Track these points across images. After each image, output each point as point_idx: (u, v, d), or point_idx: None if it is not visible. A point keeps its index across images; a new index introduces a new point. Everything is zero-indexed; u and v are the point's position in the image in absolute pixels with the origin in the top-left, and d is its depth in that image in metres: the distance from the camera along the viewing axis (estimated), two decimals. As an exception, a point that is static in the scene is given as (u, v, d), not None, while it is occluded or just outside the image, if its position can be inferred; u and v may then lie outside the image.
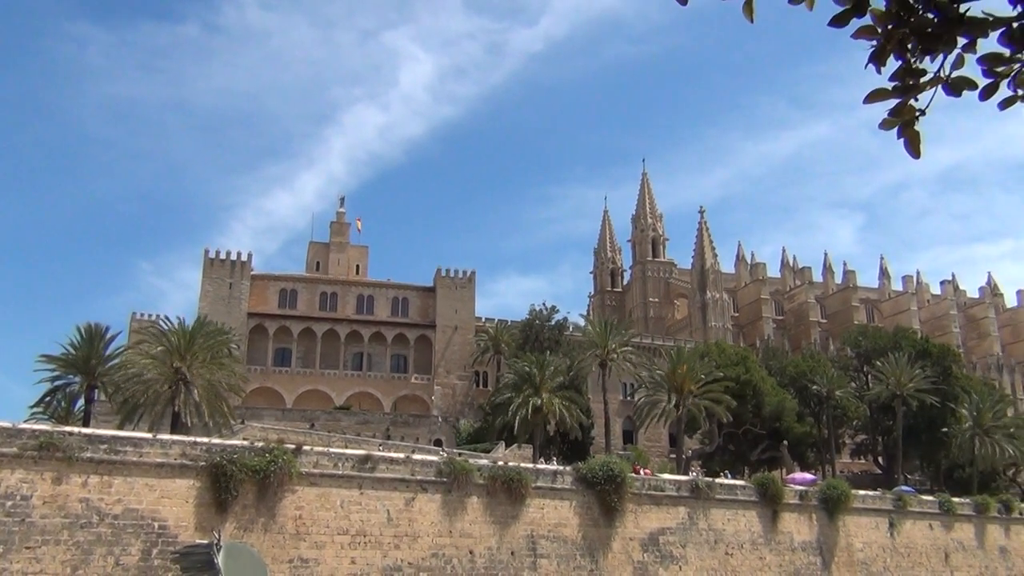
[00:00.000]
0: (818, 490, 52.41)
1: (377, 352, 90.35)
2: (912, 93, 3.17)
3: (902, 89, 3.16)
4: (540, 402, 58.11)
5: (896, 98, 3.19)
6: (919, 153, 3.29)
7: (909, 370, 73.93)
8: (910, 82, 3.14)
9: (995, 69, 3.09)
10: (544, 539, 40.94)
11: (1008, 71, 3.10)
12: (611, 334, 69.20)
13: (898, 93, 3.18)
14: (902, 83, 3.13)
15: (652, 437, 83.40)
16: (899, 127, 3.23)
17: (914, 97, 3.19)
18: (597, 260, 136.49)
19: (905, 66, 3.13)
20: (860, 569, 51.32)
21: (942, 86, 3.16)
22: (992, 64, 3.09)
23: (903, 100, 3.19)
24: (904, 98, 3.19)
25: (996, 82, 3.14)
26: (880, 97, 3.20)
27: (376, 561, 36.24)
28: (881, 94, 3.19)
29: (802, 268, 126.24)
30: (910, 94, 3.18)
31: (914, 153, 3.29)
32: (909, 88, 3.15)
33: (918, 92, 3.18)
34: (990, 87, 3.18)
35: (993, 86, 3.17)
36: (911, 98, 3.19)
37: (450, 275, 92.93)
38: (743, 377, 69.95)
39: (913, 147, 3.28)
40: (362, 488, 37.53)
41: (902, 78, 3.14)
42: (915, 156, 3.28)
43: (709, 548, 45.77)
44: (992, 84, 3.14)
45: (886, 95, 3.18)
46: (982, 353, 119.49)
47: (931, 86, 3.17)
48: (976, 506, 60.00)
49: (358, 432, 71.57)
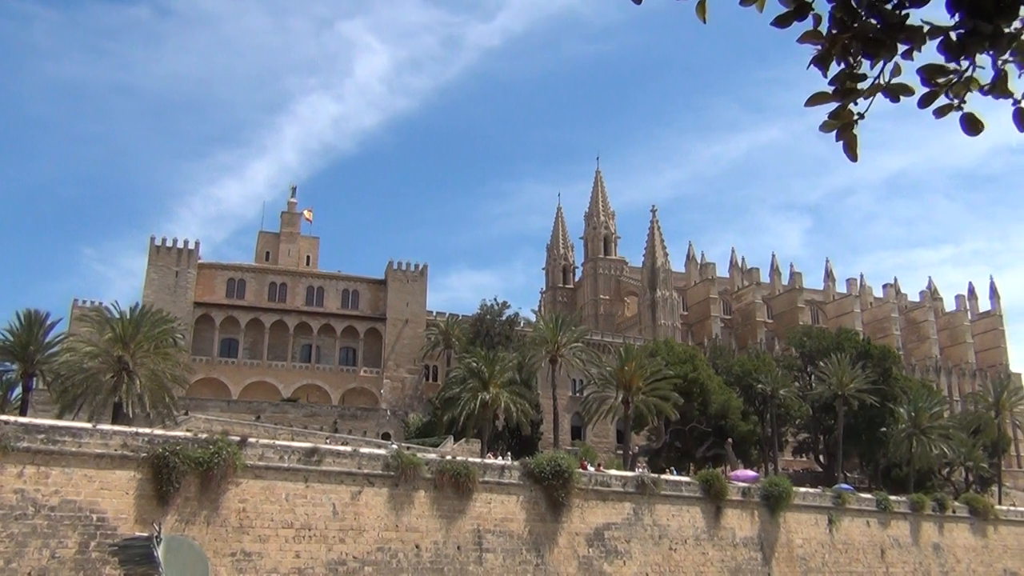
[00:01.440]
0: (760, 487, 53.34)
1: (326, 344, 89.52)
2: (852, 97, 3.25)
3: (842, 93, 3.24)
4: (489, 397, 58.16)
5: (836, 101, 3.27)
6: (856, 156, 3.38)
7: (851, 371, 75.58)
8: (850, 86, 3.22)
9: (934, 79, 3.19)
10: (490, 533, 41.02)
11: (947, 81, 3.20)
12: (562, 330, 69.49)
13: (838, 97, 3.26)
14: (842, 87, 3.22)
15: (600, 433, 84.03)
16: (838, 130, 3.34)
17: (854, 101, 3.27)
18: (549, 256, 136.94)
19: (846, 70, 3.20)
20: (799, 565, 52.39)
21: (882, 92, 3.24)
22: (931, 73, 3.19)
23: (843, 104, 3.27)
24: (844, 102, 3.27)
25: (935, 91, 3.23)
26: (821, 100, 3.28)
27: (321, 555, 35.96)
28: (822, 97, 3.27)
29: (750, 269, 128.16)
30: (850, 98, 3.25)
31: (851, 156, 3.39)
32: (849, 92, 3.23)
33: (858, 97, 3.26)
34: (929, 95, 3.27)
35: (932, 94, 3.26)
36: (851, 102, 3.27)
37: (402, 268, 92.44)
38: (691, 375, 70.84)
39: (851, 150, 3.37)
40: (308, 481, 37.20)
41: (843, 82, 3.23)
42: (852, 159, 3.39)
43: (653, 543, 46.31)
44: (931, 92, 3.24)
45: (827, 98, 3.26)
46: (921, 355, 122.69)
47: (871, 92, 3.25)
48: (912, 504, 61.64)
49: (305, 425, 70.89)
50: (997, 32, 3.05)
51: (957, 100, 3.27)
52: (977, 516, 66.10)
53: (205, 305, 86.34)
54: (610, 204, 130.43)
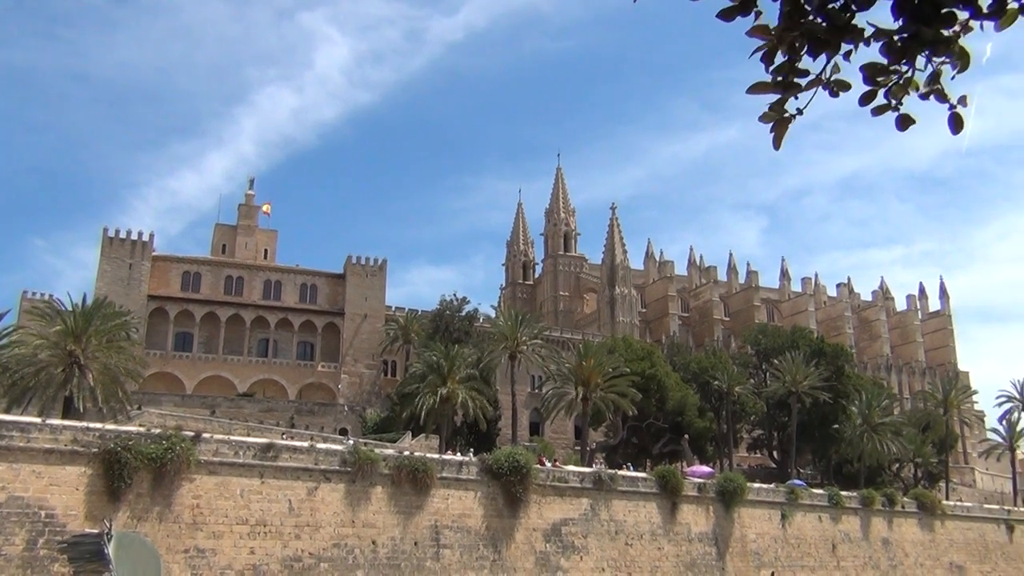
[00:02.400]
0: (715, 483, 54.02)
1: (283, 339, 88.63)
2: (792, 91, 3.35)
3: (783, 85, 3.34)
4: (448, 393, 58.09)
5: (777, 93, 3.37)
6: (779, 145, 3.52)
7: (805, 368, 76.80)
8: (792, 80, 3.31)
9: (875, 78, 3.30)
10: (448, 529, 41.00)
11: (886, 81, 3.30)
12: (521, 326, 69.61)
13: (780, 89, 3.35)
14: (784, 80, 3.32)
15: (558, 429, 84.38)
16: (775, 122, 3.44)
17: (794, 96, 3.37)
18: (509, 252, 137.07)
19: (789, 64, 3.29)
20: (752, 559, 53.16)
21: (822, 86, 3.34)
22: (873, 72, 3.29)
23: (783, 96, 3.37)
24: (785, 94, 3.36)
25: (874, 89, 3.34)
26: (762, 89, 3.37)
27: (276, 551, 35.64)
28: (764, 87, 3.36)
29: (708, 267, 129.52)
30: (791, 92, 3.35)
31: (776, 144, 3.52)
32: (790, 86, 3.33)
33: (798, 91, 3.35)
34: (868, 94, 3.37)
35: (871, 93, 3.36)
36: (791, 95, 3.37)
37: (361, 263, 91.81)
38: (648, 372, 71.44)
39: (777, 140, 3.50)
40: (263, 477, 36.85)
41: (785, 74, 3.31)
42: (775, 147, 3.53)
43: (610, 538, 46.65)
44: (870, 91, 3.35)
45: (769, 88, 3.36)
46: (873, 354, 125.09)
47: (811, 86, 3.35)
48: (862, 499, 62.89)
49: (261, 420, 70.14)
50: (937, 37, 3.15)
51: (895, 101, 3.37)
52: (925, 511, 67.64)
53: (159, 298, 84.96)
54: (570, 201, 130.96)
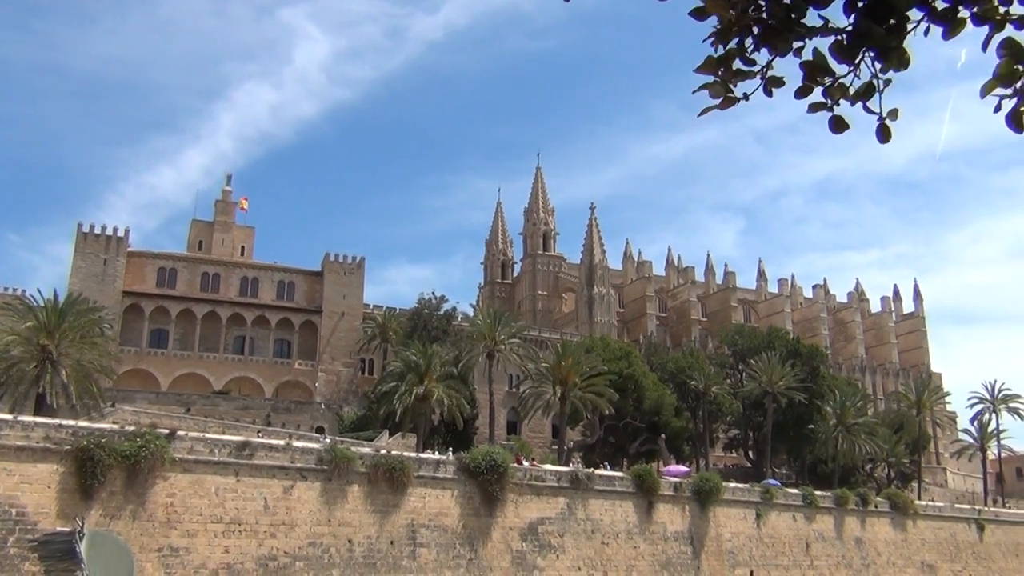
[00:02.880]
0: (691, 482, 54.32)
1: (260, 336, 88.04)
2: (735, 77, 3.41)
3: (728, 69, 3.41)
4: (425, 391, 57.98)
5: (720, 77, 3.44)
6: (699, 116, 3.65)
7: (780, 369, 77.38)
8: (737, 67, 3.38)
9: (815, 76, 3.34)
10: (424, 528, 40.93)
11: (822, 81, 3.35)
12: (499, 325, 69.60)
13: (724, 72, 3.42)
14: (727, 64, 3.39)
15: (536, 428, 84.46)
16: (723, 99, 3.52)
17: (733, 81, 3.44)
18: (488, 251, 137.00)
19: (737, 48, 3.36)
20: (727, 558, 53.50)
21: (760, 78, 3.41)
22: (812, 70, 3.34)
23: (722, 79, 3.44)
24: (726, 78, 3.43)
25: (809, 85, 3.40)
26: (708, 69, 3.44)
27: (251, 550, 35.42)
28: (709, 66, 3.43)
29: (686, 268, 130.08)
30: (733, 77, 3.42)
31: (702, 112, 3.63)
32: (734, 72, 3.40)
33: (739, 78, 3.41)
34: (804, 88, 3.43)
35: (806, 88, 3.42)
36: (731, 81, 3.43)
37: (339, 260, 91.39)
38: (626, 372, 71.65)
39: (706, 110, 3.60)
40: (239, 475, 36.61)
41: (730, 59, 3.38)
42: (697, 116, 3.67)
43: (586, 537, 46.77)
44: (806, 86, 3.41)
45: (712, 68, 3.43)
46: (848, 355, 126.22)
47: (752, 75, 3.41)
48: (836, 499, 63.49)
49: (237, 418, 69.61)
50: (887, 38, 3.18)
51: (830, 101, 3.42)
52: (897, 511, 68.41)
53: (134, 294, 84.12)
54: (550, 201, 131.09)
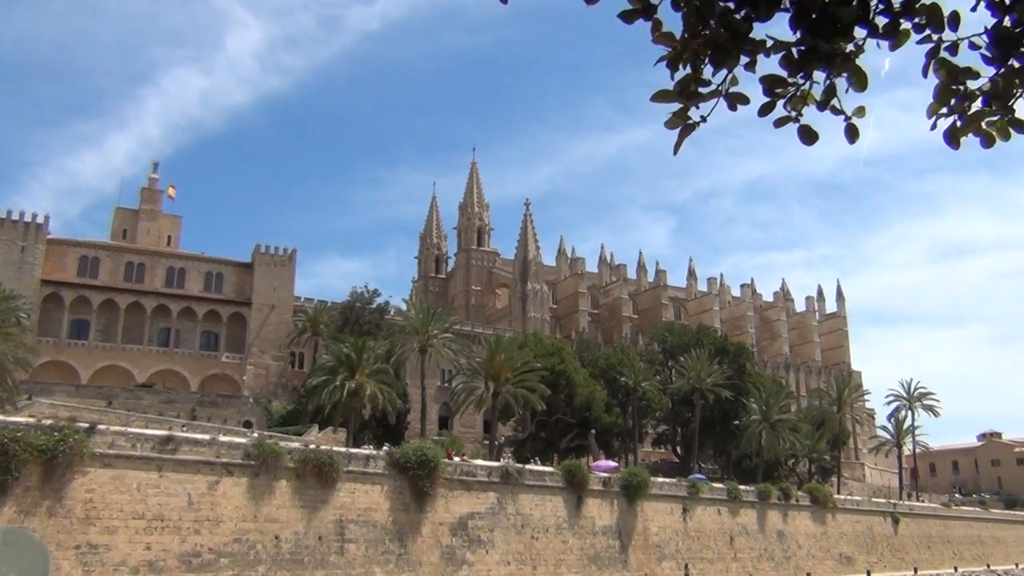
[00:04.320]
0: (620, 477, 55.03)
1: (186, 328, 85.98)
2: (694, 100, 3.45)
3: (685, 96, 3.44)
4: (357, 385, 57.44)
5: (680, 103, 3.47)
6: (677, 151, 3.65)
7: (708, 366, 78.94)
8: (693, 89, 3.42)
9: (774, 90, 3.42)
10: (353, 524, 40.57)
11: (784, 92, 3.43)
12: (432, 320, 69.38)
13: (682, 99, 3.45)
14: (685, 90, 3.43)
15: (467, 423, 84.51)
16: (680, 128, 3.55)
17: (696, 105, 3.48)
18: (422, 245, 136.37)
19: (692, 75, 3.40)
20: (654, 552, 54.37)
21: (722, 98, 3.45)
22: (771, 84, 3.41)
23: (685, 105, 3.47)
24: (686, 103, 3.47)
25: (772, 101, 3.46)
26: (666, 99, 3.47)
27: (174, 547, 34.60)
28: (667, 96, 3.47)
29: (618, 265, 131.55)
30: (692, 101, 3.45)
31: (674, 151, 3.65)
32: (692, 95, 3.43)
33: (700, 100, 3.46)
34: (767, 105, 3.49)
35: (770, 104, 3.49)
36: (692, 104, 3.47)
37: (269, 252, 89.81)
38: (557, 367, 72.14)
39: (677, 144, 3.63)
40: (162, 470, 35.72)
41: (686, 85, 3.42)
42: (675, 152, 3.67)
43: (516, 532, 46.97)
44: (769, 103, 3.48)
45: (671, 98, 3.47)
46: (773, 353, 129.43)
47: (711, 96, 3.46)
48: (759, 493, 65.08)
49: (161, 412, 67.91)
50: (834, 51, 3.28)
51: (795, 112, 3.50)
52: (818, 505, 70.46)
53: (54, 283, 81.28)
54: (485, 196, 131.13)
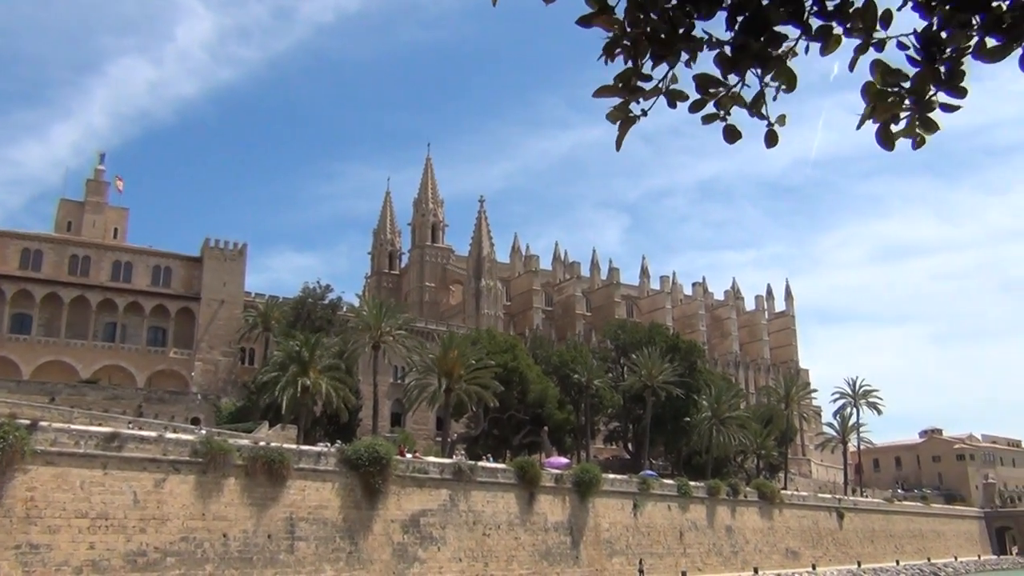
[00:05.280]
0: (572, 474, 55.35)
1: (133, 323, 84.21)
2: (636, 95, 3.50)
3: (628, 90, 3.48)
4: (309, 382, 56.88)
5: (621, 97, 3.52)
6: (619, 146, 3.71)
7: (660, 364, 79.75)
8: (635, 84, 3.47)
9: (706, 89, 3.48)
10: (304, 521, 40.19)
11: (716, 92, 3.49)
12: (385, 316, 68.97)
13: (624, 93, 3.50)
14: (627, 84, 3.47)
15: (420, 420, 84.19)
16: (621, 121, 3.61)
17: (637, 100, 3.53)
18: (376, 241, 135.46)
19: (632, 69, 3.44)
20: (605, 547, 54.80)
21: (662, 95, 3.51)
22: (703, 83, 3.47)
23: (626, 100, 3.52)
24: (628, 98, 3.51)
25: (704, 99, 3.55)
26: (608, 93, 3.51)
27: (118, 546, 33.93)
28: (609, 90, 3.51)
29: (572, 263, 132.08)
30: (634, 96, 3.51)
31: (617, 146, 3.71)
32: (634, 90, 3.48)
33: (640, 96, 3.51)
34: (698, 102, 3.56)
35: (701, 102, 3.56)
36: (634, 100, 3.52)
37: (219, 246, 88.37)
38: (511, 364, 72.23)
39: (618, 141, 3.68)
40: (107, 468, 35.00)
41: (628, 80, 3.47)
42: (616, 148, 3.73)
43: (468, 529, 46.97)
44: (700, 100, 3.56)
45: (613, 92, 3.51)
46: (723, 351, 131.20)
47: (652, 93, 3.52)
48: (709, 489, 66.01)
49: (106, 408, 66.44)
50: (764, 50, 3.35)
51: (723, 111, 3.58)
52: (765, 500, 71.72)
53: (-6, 276, 79.06)
54: (439, 192, 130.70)
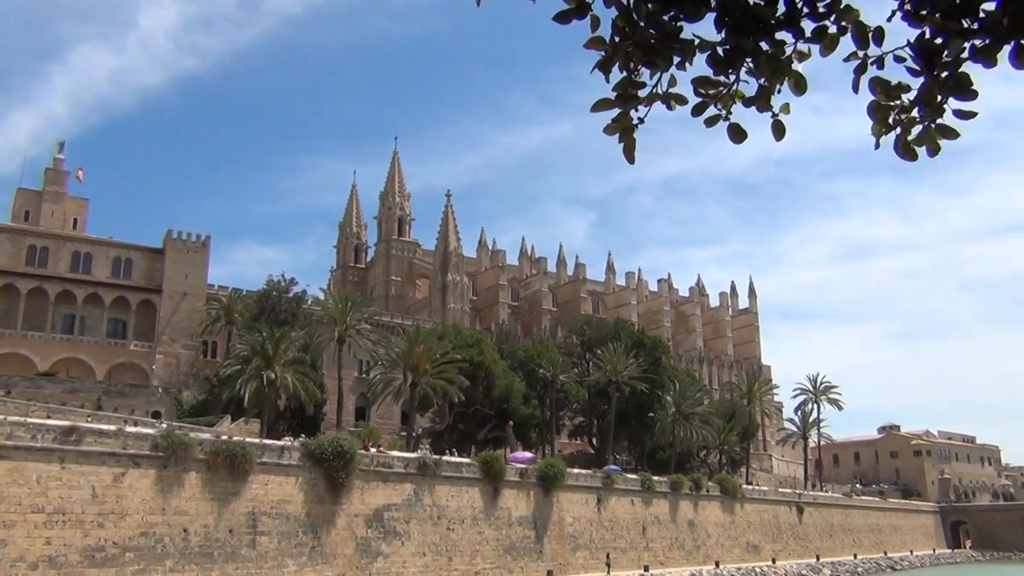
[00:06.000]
0: (537, 468, 55.53)
1: (92, 315, 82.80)
2: (632, 104, 3.48)
3: (624, 99, 3.47)
4: (273, 375, 56.39)
5: (618, 107, 3.50)
6: (633, 159, 3.64)
7: (625, 359, 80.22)
8: (631, 93, 3.45)
9: (704, 90, 3.48)
10: (266, 516, 39.87)
11: (716, 93, 3.49)
12: (351, 310, 68.57)
13: (620, 103, 3.48)
14: (623, 93, 3.45)
15: (385, 415, 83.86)
16: (620, 133, 3.56)
17: (634, 108, 3.50)
18: (342, 234, 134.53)
19: (627, 78, 3.42)
20: (569, 541, 55.06)
21: (660, 100, 3.49)
22: (700, 85, 3.47)
23: (624, 110, 3.50)
24: (625, 108, 3.50)
25: (705, 101, 3.52)
26: (605, 107, 3.49)
27: (76, 541, 33.41)
28: (606, 103, 3.49)
29: (538, 258, 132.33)
30: (630, 104, 3.48)
31: (629, 158, 3.65)
32: (630, 99, 3.46)
33: (638, 103, 3.49)
34: (699, 105, 3.55)
35: (702, 104, 3.55)
36: (631, 108, 3.50)
37: (182, 237, 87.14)
38: (476, 359, 72.17)
39: (628, 152, 3.63)
40: (64, 462, 34.42)
41: (624, 89, 3.45)
42: (630, 161, 3.66)
43: (432, 524, 46.92)
44: (701, 103, 3.53)
45: (610, 104, 3.49)
46: (687, 347, 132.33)
47: (649, 100, 3.50)
48: (672, 484, 66.59)
49: (64, 401, 65.29)
50: (757, 49, 3.35)
51: (724, 111, 3.57)
52: (727, 495, 72.54)
53: (-52, 266, 77.32)
54: (406, 186, 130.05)
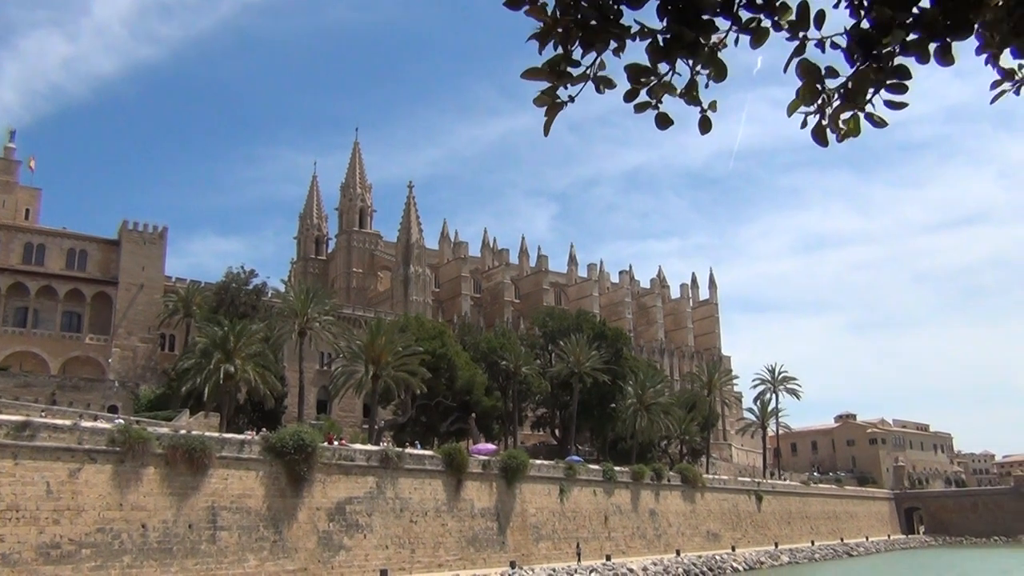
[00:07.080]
0: (499, 460, 55.66)
1: (46, 308, 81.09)
2: (563, 80, 3.52)
3: (556, 75, 3.50)
4: (233, 369, 55.73)
5: (549, 81, 3.54)
6: (547, 132, 3.76)
7: (587, 351, 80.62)
8: (563, 69, 3.49)
9: (638, 78, 3.51)
10: (226, 510, 39.48)
11: (647, 81, 3.52)
12: (312, 302, 68.04)
13: (552, 78, 3.52)
14: (556, 70, 3.49)
15: (347, 407, 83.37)
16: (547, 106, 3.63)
17: (565, 85, 3.55)
18: (302, 226, 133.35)
19: (562, 55, 3.46)
20: (532, 532, 55.29)
21: (591, 81, 3.53)
22: (635, 73, 3.51)
23: (554, 85, 3.55)
24: (556, 83, 3.54)
25: (636, 88, 3.59)
26: (536, 76, 3.53)
27: (30, 538, 32.80)
28: (537, 73, 3.53)
29: (501, 250, 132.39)
30: (562, 81, 3.52)
31: (545, 129, 3.75)
32: (562, 75, 3.50)
33: (569, 81, 3.53)
34: (631, 91, 3.59)
35: (633, 91, 3.59)
36: (562, 85, 3.54)
37: (138, 229, 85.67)
38: (439, 351, 72.00)
39: (546, 127, 3.73)
40: (17, 458, 33.77)
41: (557, 64, 3.48)
42: (545, 133, 3.78)
43: (395, 516, 46.82)
44: (632, 89, 3.59)
45: (541, 75, 3.52)
46: (649, 338, 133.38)
47: (580, 79, 3.54)
48: (633, 474, 67.16)
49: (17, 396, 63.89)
50: (697, 41, 3.39)
51: (655, 100, 3.62)
52: (688, 484, 73.36)
53: None
54: (367, 177, 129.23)
